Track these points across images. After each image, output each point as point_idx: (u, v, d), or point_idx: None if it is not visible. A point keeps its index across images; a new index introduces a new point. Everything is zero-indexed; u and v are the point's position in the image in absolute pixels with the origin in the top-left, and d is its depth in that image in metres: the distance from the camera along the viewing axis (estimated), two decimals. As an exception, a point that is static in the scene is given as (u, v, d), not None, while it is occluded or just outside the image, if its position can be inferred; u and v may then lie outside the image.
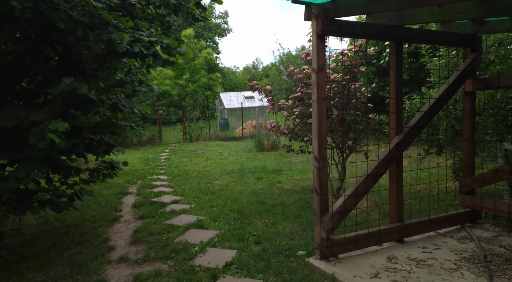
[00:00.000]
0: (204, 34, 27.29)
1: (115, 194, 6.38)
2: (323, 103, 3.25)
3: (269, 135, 11.42)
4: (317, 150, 3.26)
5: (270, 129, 5.63)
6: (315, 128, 3.27)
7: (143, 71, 5.41)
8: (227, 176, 7.58)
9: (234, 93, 20.45)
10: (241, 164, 8.93)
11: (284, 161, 9.22)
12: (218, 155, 10.70)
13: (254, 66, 53.50)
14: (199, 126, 14.71)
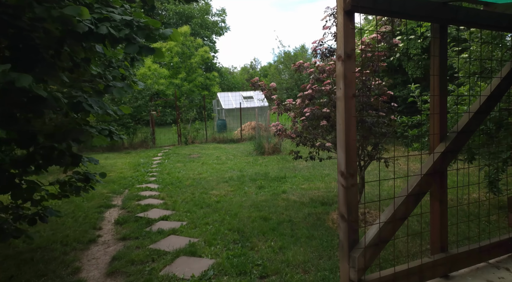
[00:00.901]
0: (201, 32, 26.45)
1: (97, 207, 5.57)
2: (352, 101, 2.46)
3: (270, 138, 10.64)
4: (344, 163, 2.47)
5: (276, 133, 4.83)
6: (341, 134, 2.48)
7: (126, 64, 4.62)
8: (225, 184, 6.78)
9: (232, 93, 19.65)
10: (240, 170, 8.13)
11: (287, 167, 8.43)
12: (215, 159, 9.90)
13: (252, 66, 52.74)
14: (195, 128, 13.90)
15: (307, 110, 4.40)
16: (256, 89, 5.00)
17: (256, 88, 4.95)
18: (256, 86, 4.94)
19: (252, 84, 4.96)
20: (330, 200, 5.52)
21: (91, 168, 8.69)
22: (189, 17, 26.78)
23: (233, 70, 48.59)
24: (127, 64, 4.58)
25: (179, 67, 20.24)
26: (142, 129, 13.30)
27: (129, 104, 12.54)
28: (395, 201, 2.71)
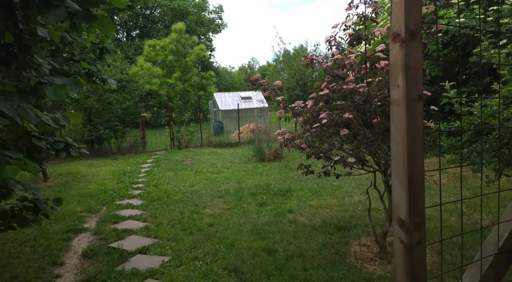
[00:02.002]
0: (196, 29, 25.42)
1: (65, 231, 4.59)
2: (418, 107, 1.49)
3: (270, 142, 9.67)
4: (406, 205, 1.49)
5: (282, 144, 3.86)
6: (400, 159, 1.50)
7: (92, 57, 3.65)
8: (220, 200, 5.80)
9: (229, 94, 18.67)
10: (238, 181, 7.16)
11: (291, 176, 7.47)
12: (210, 166, 8.92)
13: (250, 66, 51.80)
14: (190, 131, 12.91)
15: (324, 115, 3.43)
16: (256, 89, 4.03)
17: (257, 87, 3.98)
18: (257, 86, 3.97)
19: (252, 83, 3.99)
20: (347, 222, 4.56)
21: (69, 177, 7.72)
22: (184, 14, 25.74)
23: (230, 70, 47.65)
24: (93, 57, 3.61)
25: (174, 66, 19.24)
26: (132, 133, 12.30)
27: (117, 106, 11.54)
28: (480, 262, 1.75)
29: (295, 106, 3.96)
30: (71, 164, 9.77)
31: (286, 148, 3.91)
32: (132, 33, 27.17)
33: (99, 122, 11.13)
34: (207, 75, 19.55)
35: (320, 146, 3.94)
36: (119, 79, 11.88)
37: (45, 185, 7.07)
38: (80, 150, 3.19)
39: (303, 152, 4.03)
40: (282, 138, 3.85)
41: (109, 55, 3.79)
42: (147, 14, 26.93)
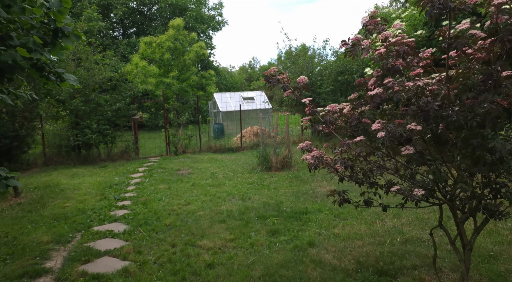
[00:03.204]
0: (196, 26, 24.25)
1: (18, 275, 3.49)
2: None
3: (278, 149, 8.56)
4: None
5: (312, 165, 2.75)
6: None
7: (35, 40, 2.56)
8: (221, 225, 4.70)
9: (230, 94, 17.55)
10: (242, 197, 6.06)
11: (304, 191, 6.37)
12: (209, 177, 7.82)
13: (250, 65, 50.75)
14: (187, 135, 11.80)
15: (378, 126, 2.34)
16: (271, 87, 2.93)
17: (273, 85, 2.88)
18: (273, 83, 2.87)
19: (267, 79, 2.89)
20: (389, 263, 3.46)
21: (46, 191, 6.61)
22: (183, 10, 24.58)
23: (231, 70, 46.59)
24: (38, 41, 2.52)
25: (171, 64, 18.13)
26: (123, 137, 11.18)
27: (107, 107, 10.44)
28: None
29: (327, 111, 2.87)
30: (53, 173, 8.66)
31: (313, 167, 2.81)
32: (128, 31, 26.06)
33: (86, 125, 10.01)
34: (207, 74, 18.44)
35: (364, 166, 2.85)
36: (109, 77, 10.77)
37: (15, 202, 5.97)
38: (9, 181, 2.10)
39: (337, 174, 2.94)
40: (311, 158, 2.74)
41: (67, 40, 2.68)
42: (144, 10, 25.83)
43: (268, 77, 2.90)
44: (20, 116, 5.79)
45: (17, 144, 5.61)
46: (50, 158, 9.89)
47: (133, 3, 24.71)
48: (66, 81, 2.69)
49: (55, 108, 9.89)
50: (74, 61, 10.25)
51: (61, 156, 9.97)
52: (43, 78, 2.79)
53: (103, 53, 11.48)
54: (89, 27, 12.97)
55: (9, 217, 5.28)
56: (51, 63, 2.62)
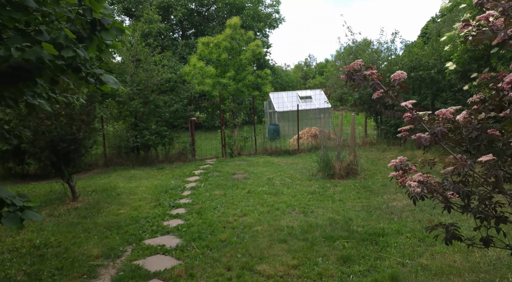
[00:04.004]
0: (253, 24, 23.92)
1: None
2: None
3: (341, 154, 7.73)
4: None
5: (418, 196, 2.01)
6: None
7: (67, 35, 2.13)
8: (282, 246, 4.09)
9: (286, 93, 16.89)
10: (303, 210, 5.39)
11: (375, 205, 5.51)
12: (265, 183, 7.27)
13: (306, 63, 49.57)
14: (243, 137, 11.39)
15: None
16: (356, 86, 2.23)
17: (357, 83, 2.18)
18: (358, 80, 2.17)
19: (349, 75, 2.19)
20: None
21: (102, 195, 6.56)
22: (239, 9, 24.40)
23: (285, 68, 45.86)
24: (71, 35, 2.09)
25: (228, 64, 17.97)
26: (180, 138, 11.10)
27: (165, 109, 10.41)
28: None
29: (434, 119, 2.10)
30: (111, 174, 8.76)
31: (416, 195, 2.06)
32: (187, 32, 26.60)
33: (145, 127, 10.05)
34: (263, 73, 17.98)
35: (484, 194, 2.05)
36: (167, 78, 10.74)
37: (72, 206, 5.94)
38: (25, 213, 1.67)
39: (444, 204, 2.16)
40: (417, 186, 2.00)
41: (107, 34, 2.25)
42: (203, 11, 26.15)
43: (350, 74, 2.21)
44: (78, 119, 5.70)
45: (75, 147, 5.52)
46: (110, 158, 10.10)
47: (192, 5, 25.12)
48: (106, 84, 2.27)
49: (115, 109, 10.06)
50: (133, 63, 10.35)
51: (121, 157, 10.14)
52: (82, 81, 2.40)
53: (162, 54, 11.52)
54: (149, 29, 13.16)
55: (65, 223, 5.20)
56: (87, 63, 2.21)
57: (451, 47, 8.08)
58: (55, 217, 5.51)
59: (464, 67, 7.65)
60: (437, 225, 2.34)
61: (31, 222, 5.29)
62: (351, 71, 2.20)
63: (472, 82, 7.29)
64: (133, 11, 23.96)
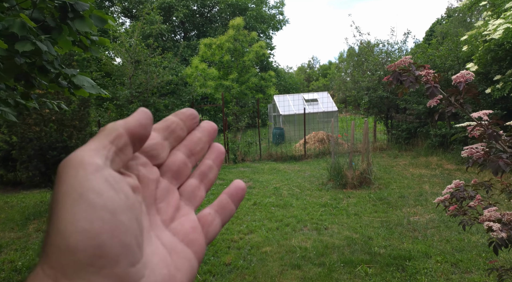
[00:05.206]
0: (256, 26, 23.48)
1: None
2: None
3: (353, 162, 7.21)
4: None
5: (501, 243, 1.52)
6: None
7: (24, 20, 1.56)
8: (295, 273, 3.57)
9: (291, 96, 16.39)
10: (316, 226, 4.87)
11: (395, 220, 4.99)
12: (272, 193, 6.76)
13: (309, 65, 49.13)
14: (247, 142, 10.90)
15: None
16: (401, 89, 1.72)
17: (407, 86, 1.68)
18: (408, 83, 1.67)
19: (396, 76, 1.69)
20: None
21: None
22: (242, 10, 23.97)
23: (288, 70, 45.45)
24: (27, 22, 1.56)
25: (230, 66, 17.52)
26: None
27: (165, 113, 9.93)
28: None
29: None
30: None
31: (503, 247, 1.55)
32: (189, 34, 26.20)
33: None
34: (267, 76, 17.52)
35: None
36: (168, 81, 10.27)
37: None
38: None
39: None
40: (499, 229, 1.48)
41: (82, 23, 1.73)
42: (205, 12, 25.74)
43: (397, 74, 1.70)
44: (69, 125, 5.21)
45: (66, 156, 4.97)
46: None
47: (194, 6, 24.72)
48: (81, 88, 1.78)
49: (114, 113, 9.59)
50: (132, 64, 9.89)
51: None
52: (53, 84, 1.90)
53: (163, 56, 11.06)
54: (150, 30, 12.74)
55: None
56: (56, 61, 1.71)
57: (470, 48, 7.57)
58: (43, 233, 5.01)
59: (485, 69, 7.14)
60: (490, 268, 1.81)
61: (16, 240, 4.81)
62: (398, 72, 1.70)
63: (495, 85, 6.77)
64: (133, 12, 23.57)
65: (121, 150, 0.25)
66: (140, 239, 0.24)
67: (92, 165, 0.23)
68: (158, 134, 0.31)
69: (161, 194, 0.30)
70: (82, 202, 0.21)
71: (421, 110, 9.58)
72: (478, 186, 2.01)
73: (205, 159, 0.34)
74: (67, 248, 0.20)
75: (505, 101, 7.30)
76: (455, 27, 20.79)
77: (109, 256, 0.21)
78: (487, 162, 1.52)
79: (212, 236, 0.32)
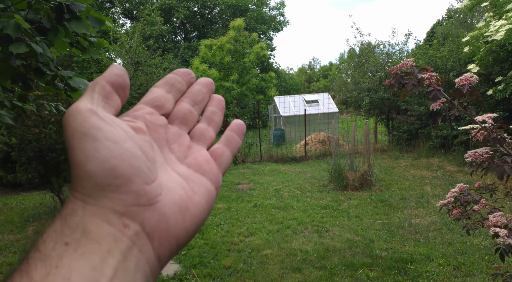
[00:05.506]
0: (256, 27, 23.46)
1: None
2: None
3: (354, 163, 7.17)
4: None
5: (508, 249, 1.49)
6: None
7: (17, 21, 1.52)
8: (296, 276, 3.54)
9: (292, 97, 16.35)
10: (317, 229, 4.84)
11: (397, 222, 4.95)
12: (273, 195, 6.73)
13: (310, 66, 49.11)
14: (247, 143, 10.87)
15: None
16: (403, 92, 1.69)
17: (409, 88, 1.64)
18: (411, 86, 1.63)
19: (398, 79, 1.65)
20: None
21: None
22: (243, 11, 23.98)
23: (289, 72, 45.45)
24: (22, 23, 1.54)
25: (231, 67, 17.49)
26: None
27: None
28: None
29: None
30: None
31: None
32: (189, 35, 26.20)
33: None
34: (267, 77, 17.49)
35: None
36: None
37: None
38: None
39: None
40: (507, 235, 1.45)
41: (78, 25, 1.70)
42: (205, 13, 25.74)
43: (399, 77, 1.67)
44: (69, 127, 5.17)
45: (65, 157, 4.98)
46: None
47: (195, 7, 24.72)
48: (78, 90, 1.75)
49: (114, 115, 9.57)
50: (132, 66, 9.87)
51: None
52: (50, 86, 1.87)
53: (163, 56, 11.03)
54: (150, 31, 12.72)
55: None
56: (52, 63, 1.68)
57: (471, 49, 7.53)
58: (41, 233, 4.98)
59: (487, 70, 7.10)
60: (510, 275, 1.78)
61: (14, 242, 4.78)
62: (400, 74, 1.67)
63: (497, 86, 6.73)
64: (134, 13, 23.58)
65: (107, 97, 0.29)
66: (150, 164, 0.28)
67: (87, 110, 0.26)
68: (160, 89, 0.35)
69: (172, 137, 0.34)
70: (86, 137, 0.25)
71: (422, 111, 9.55)
72: (482, 189, 1.98)
73: (208, 106, 0.38)
74: (85, 174, 0.25)
75: (507, 102, 7.26)
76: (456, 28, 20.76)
77: (122, 176, 0.25)
78: (492, 165, 1.48)
79: (225, 166, 0.35)
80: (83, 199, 0.25)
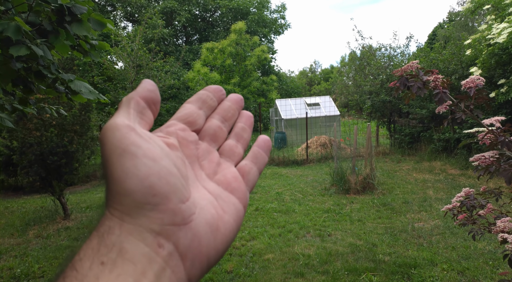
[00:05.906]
0: (257, 30, 23.51)
1: None
2: None
3: (356, 166, 7.14)
4: None
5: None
6: None
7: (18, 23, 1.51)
8: (298, 281, 3.50)
9: (293, 100, 16.34)
10: (320, 233, 4.80)
11: (399, 226, 4.91)
12: (274, 199, 6.69)
13: (311, 69, 49.16)
14: (249, 146, 10.82)
15: None
16: (408, 96, 1.67)
17: (415, 91, 1.62)
18: (416, 88, 1.61)
19: (403, 82, 1.63)
20: None
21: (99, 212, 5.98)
22: (244, 14, 24.05)
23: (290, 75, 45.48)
24: (22, 26, 1.51)
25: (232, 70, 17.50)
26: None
27: (167, 117, 9.90)
28: None
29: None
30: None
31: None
32: (191, 38, 26.27)
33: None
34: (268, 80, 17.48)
35: None
36: (170, 85, 10.25)
37: (63, 226, 5.40)
38: None
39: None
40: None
41: (80, 27, 1.68)
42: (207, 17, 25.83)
43: (404, 80, 1.65)
44: (70, 130, 5.18)
45: (66, 161, 4.98)
46: (109, 169, 9.56)
47: (196, 10, 24.81)
48: (79, 93, 1.74)
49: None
50: (134, 69, 9.88)
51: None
52: (51, 89, 1.86)
53: (164, 60, 11.05)
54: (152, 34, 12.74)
55: (53, 246, 4.65)
56: (53, 66, 1.67)
57: (473, 52, 7.51)
58: (43, 239, 4.97)
59: (489, 73, 7.08)
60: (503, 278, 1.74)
61: (15, 246, 4.76)
62: (405, 77, 1.64)
63: (499, 89, 6.71)
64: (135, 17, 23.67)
65: (141, 112, 0.30)
66: (184, 182, 0.28)
67: (125, 126, 0.26)
68: (192, 105, 0.35)
69: (202, 153, 0.34)
70: (126, 154, 0.25)
71: (424, 114, 9.51)
72: (487, 194, 1.95)
73: (237, 123, 0.39)
74: (124, 192, 0.25)
75: (509, 105, 7.23)
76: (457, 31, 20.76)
77: (160, 194, 0.25)
78: (499, 170, 1.46)
79: (252, 183, 0.36)
80: (120, 216, 0.25)
